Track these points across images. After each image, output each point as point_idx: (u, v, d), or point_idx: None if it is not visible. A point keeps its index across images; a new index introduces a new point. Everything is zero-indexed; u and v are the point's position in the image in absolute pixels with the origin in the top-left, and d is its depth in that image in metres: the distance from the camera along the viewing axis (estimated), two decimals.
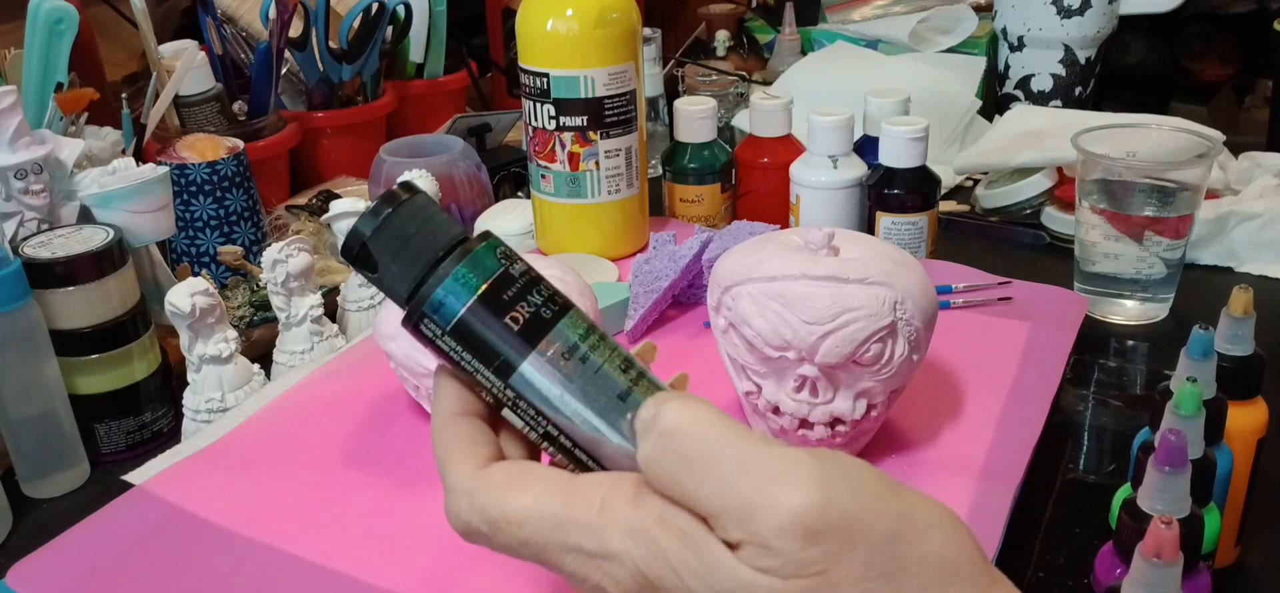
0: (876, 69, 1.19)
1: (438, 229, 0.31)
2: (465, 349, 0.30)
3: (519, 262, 0.31)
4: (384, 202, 0.31)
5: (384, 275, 0.31)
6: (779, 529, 0.26)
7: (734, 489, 0.27)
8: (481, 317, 0.30)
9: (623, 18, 0.76)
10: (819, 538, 0.26)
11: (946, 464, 0.56)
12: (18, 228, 0.65)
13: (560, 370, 0.30)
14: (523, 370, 0.30)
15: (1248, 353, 0.48)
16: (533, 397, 0.30)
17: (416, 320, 0.31)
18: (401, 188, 0.31)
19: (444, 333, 0.30)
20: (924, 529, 0.27)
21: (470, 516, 0.30)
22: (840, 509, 0.26)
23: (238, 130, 0.93)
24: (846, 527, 0.26)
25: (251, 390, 0.66)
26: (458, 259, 0.30)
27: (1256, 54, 1.52)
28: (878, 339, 0.51)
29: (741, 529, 0.26)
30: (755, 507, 0.26)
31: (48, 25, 0.73)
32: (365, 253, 0.31)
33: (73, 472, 0.63)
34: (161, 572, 0.50)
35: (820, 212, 0.82)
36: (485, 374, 0.30)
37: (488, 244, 0.31)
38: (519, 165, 1.00)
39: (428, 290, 0.30)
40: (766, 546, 0.26)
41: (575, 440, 0.30)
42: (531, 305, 0.30)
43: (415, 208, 0.31)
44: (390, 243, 0.30)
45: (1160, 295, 0.77)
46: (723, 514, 0.27)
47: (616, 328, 0.71)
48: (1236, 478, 0.49)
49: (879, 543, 0.26)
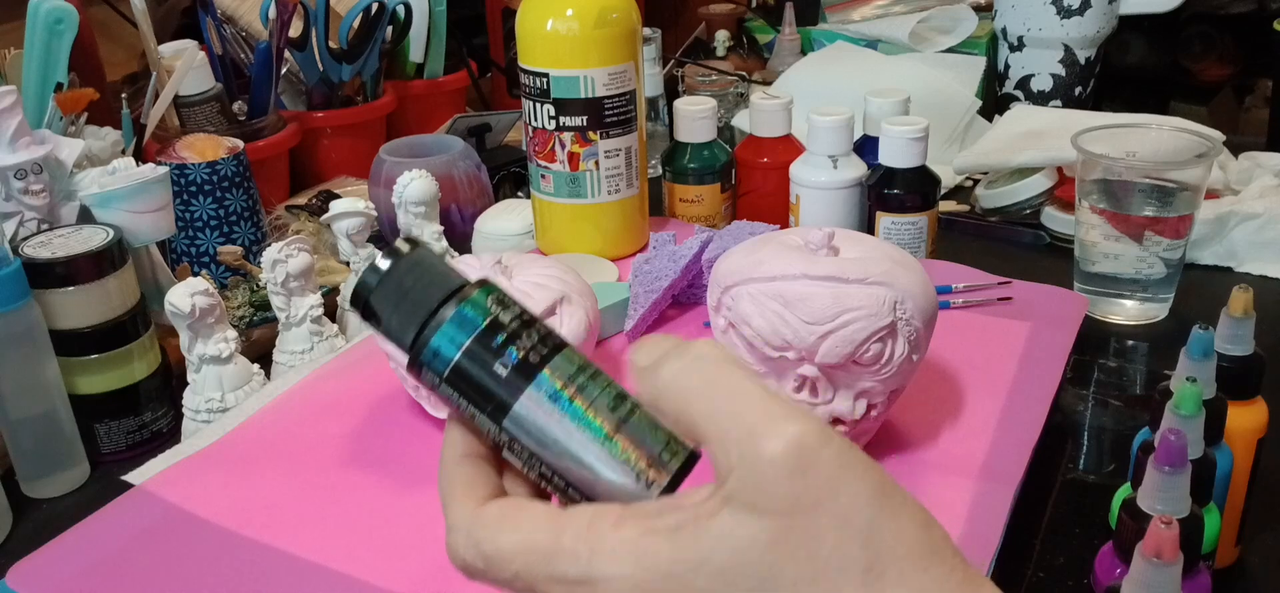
0: (876, 69, 1.19)
1: (436, 279, 0.32)
2: (461, 395, 0.32)
3: (512, 307, 0.32)
4: (386, 255, 0.33)
5: (387, 327, 0.33)
6: (774, 455, 0.27)
7: (746, 414, 0.28)
8: (473, 363, 0.31)
9: (623, 18, 0.76)
10: (809, 472, 0.27)
11: (946, 464, 0.56)
12: (18, 228, 0.65)
13: (550, 413, 0.31)
14: (514, 414, 0.31)
15: (1248, 353, 0.48)
16: (525, 439, 0.31)
17: (418, 369, 0.32)
18: (404, 241, 0.33)
19: (442, 381, 0.32)
20: (901, 507, 0.28)
21: (467, 552, 0.31)
22: (834, 451, 0.27)
23: (238, 130, 0.93)
24: (835, 472, 0.27)
25: (251, 390, 0.66)
26: (452, 308, 0.32)
27: (1256, 54, 1.53)
28: (878, 339, 0.51)
29: (738, 450, 0.27)
30: (759, 432, 0.27)
31: (48, 25, 0.73)
32: (369, 308, 0.33)
33: (73, 472, 0.63)
34: (161, 572, 0.50)
35: (820, 212, 0.82)
36: (481, 418, 0.32)
37: (481, 290, 0.32)
38: (519, 165, 1.00)
39: (426, 339, 0.32)
40: (757, 469, 0.27)
41: (569, 480, 0.31)
42: (521, 349, 0.31)
43: (414, 261, 0.32)
44: (391, 295, 0.32)
45: (1160, 295, 0.77)
46: (725, 437, 0.28)
47: (616, 328, 0.71)
48: (1236, 478, 0.49)
49: (861, 503, 0.27)
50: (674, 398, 0.29)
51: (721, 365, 0.29)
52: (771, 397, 0.28)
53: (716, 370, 0.29)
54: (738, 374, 0.29)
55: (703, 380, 0.29)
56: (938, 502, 0.53)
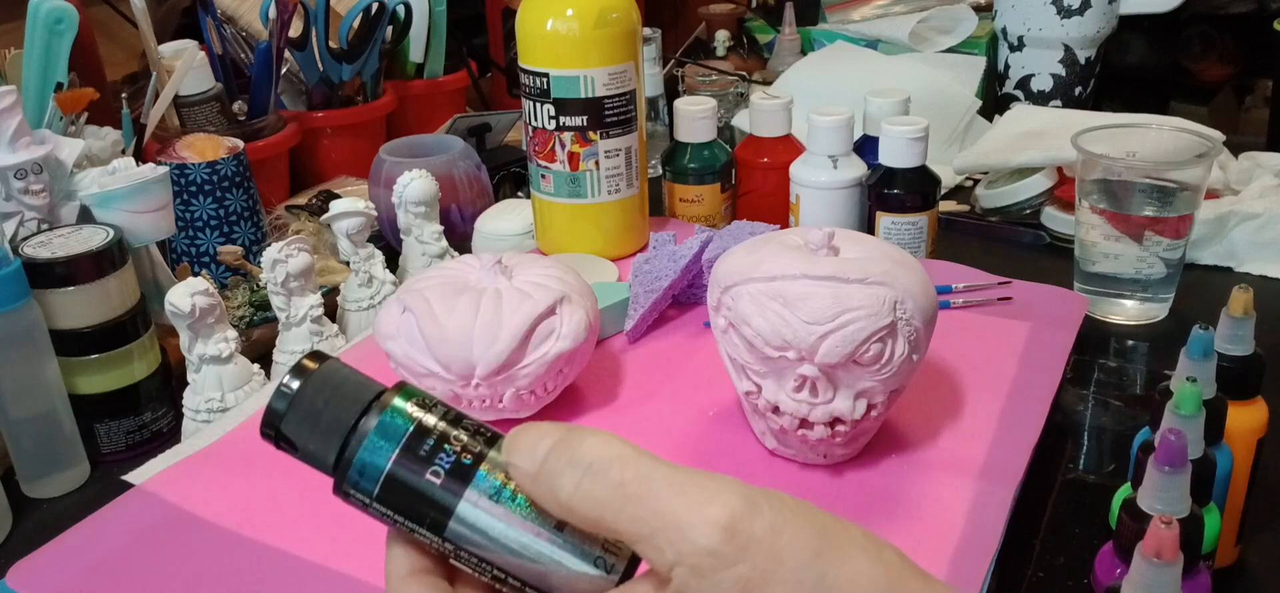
0: (876, 69, 1.19)
1: (350, 393, 0.30)
2: (396, 511, 0.30)
3: (434, 409, 0.30)
4: (293, 375, 0.30)
5: (305, 453, 0.30)
6: (709, 545, 0.26)
7: (668, 510, 0.27)
8: (402, 478, 0.29)
9: (623, 18, 0.76)
10: (747, 550, 0.26)
11: (946, 464, 0.56)
12: (18, 228, 0.65)
13: (493, 511, 0.29)
14: (454, 523, 0.29)
15: (1248, 353, 0.48)
16: (470, 546, 0.29)
17: (345, 494, 0.30)
18: (310, 357, 0.31)
19: (371, 502, 0.30)
20: (847, 549, 0.27)
21: None
22: (766, 521, 0.27)
23: (238, 130, 0.93)
24: (772, 541, 0.26)
25: (251, 390, 0.66)
26: (373, 419, 0.30)
27: (1256, 54, 1.53)
28: (878, 339, 0.51)
29: (674, 549, 0.27)
30: (687, 524, 0.26)
31: (48, 25, 0.73)
32: (282, 438, 0.30)
33: (73, 472, 0.63)
34: (161, 572, 0.50)
35: (820, 212, 0.82)
36: (421, 532, 0.30)
37: (401, 396, 0.30)
38: (519, 165, 1.00)
39: (349, 459, 0.30)
40: (698, 564, 0.26)
41: (522, 580, 0.30)
42: (451, 453, 0.29)
43: (323, 376, 0.30)
44: (305, 418, 0.30)
45: (1160, 295, 0.77)
46: (656, 535, 0.27)
47: (616, 328, 0.71)
48: (1236, 478, 0.49)
49: (806, 561, 0.27)
50: (585, 514, 0.28)
51: (622, 465, 0.28)
52: (685, 480, 0.27)
53: (619, 472, 0.28)
54: (641, 467, 0.28)
55: (609, 488, 0.28)
56: (938, 502, 0.53)
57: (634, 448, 0.28)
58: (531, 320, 0.57)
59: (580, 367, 0.62)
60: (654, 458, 0.28)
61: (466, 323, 0.57)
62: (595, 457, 0.28)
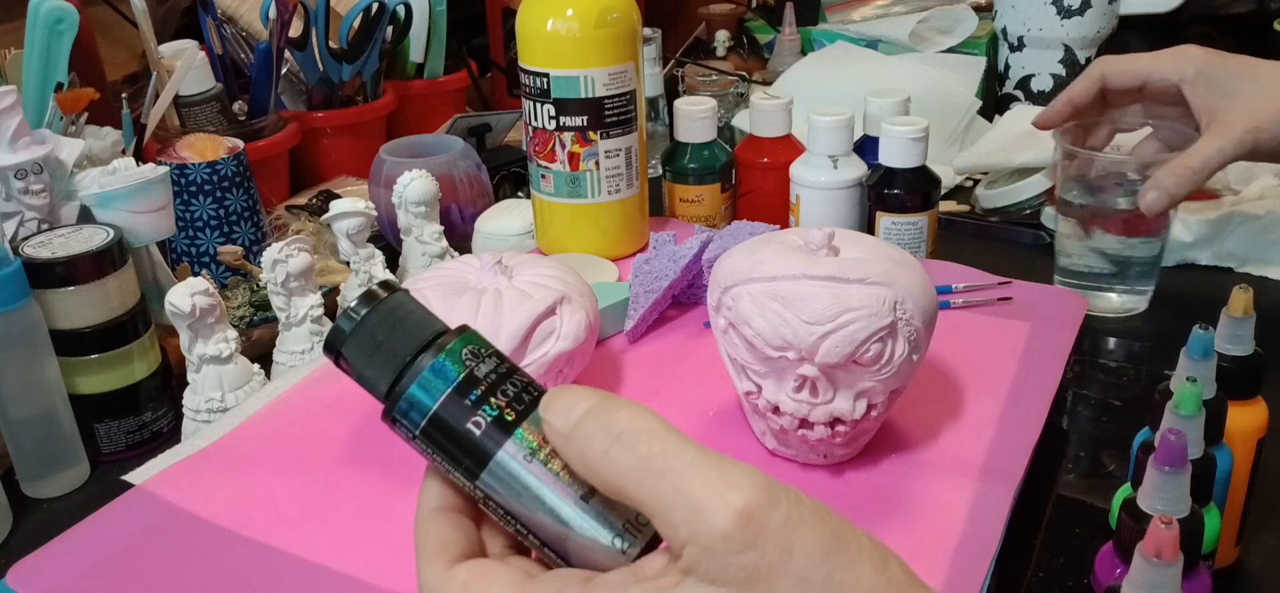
0: (876, 69, 1.19)
1: (413, 328, 0.32)
2: (436, 449, 0.31)
3: (487, 359, 0.31)
4: (362, 301, 0.32)
5: (361, 376, 0.32)
6: (724, 528, 0.27)
7: (689, 488, 0.27)
8: (446, 421, 0.31)
9: (623, 18, 0.76)
10: (760, 539, 0.27)
11: (946, 464, 0.56)
12: (18, 228, 0.65)
13: (526, 470, 0.30)
14: (487, 473, 0.30)
15: (1248, 353, 0.48)
16: (499, 497, 0.31)
17: (392, 421, 0.32)
18: (381, 286, 0.32)
19: (416, 434, 0.31)
20: (856, 554, 0.28)
21: None
22: (782, 514, 0.27)
23: (238, 130, 0.93)
24: (786, 535, 0.27)
25: (251, 390, 0.66)
26: (428, 359, 0.31)
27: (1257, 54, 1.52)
28: (878, 339, 0.51)
29: (689, 527, 0.27)
30: (704, 506, 0.27)
31: (48, 25, 0.73)
32: (342, 358, 0.32)
33: (73, 472, 0.63)
34: (161, 572, 0.50)
35: (820, 212, 0.82)
36: (456, 474, 0.31)
37: (460, 340, 0.31)
38: (519, 165, 1.00)
39: (399, 392, 0.31)
40: (710, 545, 0.27)
41: (543, 538, 0.31)
42: (495, 407, 0.31)
43: (390, 307, 0.32)
44: (366, 344, 0.31)
45: (1138, 288, 0.78)
46: (673, 512, 0.27)
47: (616, 328, 0.71)
48: (1236, 478, 0.49)
49: (815, 560, 0.27)
50: (609, 480, 0.29)
51: (651, 439, 0.28)
52: (709, 462, 0.28)
53: (648, 445, 0.28)
54: (669, 444, 0.28)
55: (635, 460, 0.28)
56: (938, 502, 0.53)
57: (665, 424, 0.29)
58: (531, 320, 0.57)
59: (580, 367, 0.62)
60: (683, 437, 0.29)
61: (466, 323, 0.57)
62: (626, 427, 0.29)
